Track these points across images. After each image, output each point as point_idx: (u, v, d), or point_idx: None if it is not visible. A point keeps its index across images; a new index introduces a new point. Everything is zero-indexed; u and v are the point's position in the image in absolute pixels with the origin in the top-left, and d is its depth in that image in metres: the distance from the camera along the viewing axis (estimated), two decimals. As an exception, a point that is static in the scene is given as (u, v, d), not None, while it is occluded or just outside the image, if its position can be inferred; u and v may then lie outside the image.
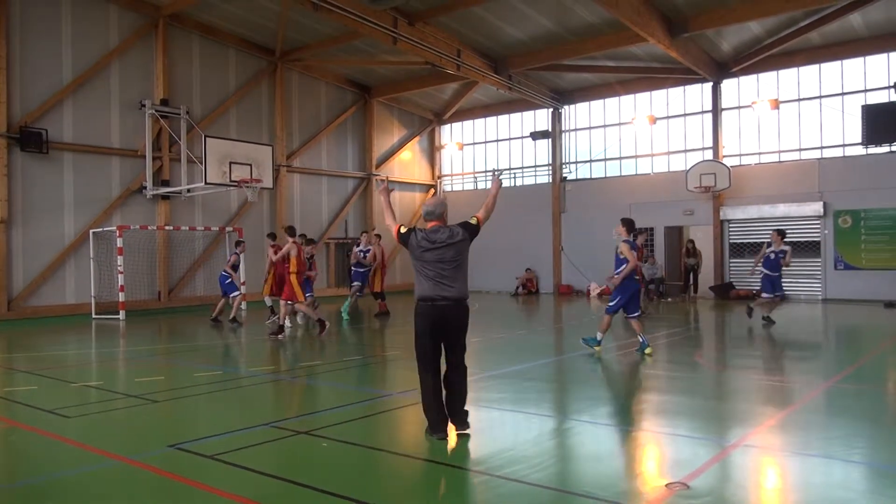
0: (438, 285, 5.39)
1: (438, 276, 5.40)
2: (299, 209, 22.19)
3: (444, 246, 5.42)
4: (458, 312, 5.48)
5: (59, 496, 4.41)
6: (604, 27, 18.06)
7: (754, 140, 20.83)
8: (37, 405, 6.92)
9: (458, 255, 5.47)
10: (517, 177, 25.85)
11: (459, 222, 5.58)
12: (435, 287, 5.39)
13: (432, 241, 5.44)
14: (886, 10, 16.87)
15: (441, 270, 5.40)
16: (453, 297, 5.40)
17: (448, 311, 5.42)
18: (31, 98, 16.02)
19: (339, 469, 4.86)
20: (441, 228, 5.53)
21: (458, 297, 5.44)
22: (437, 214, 5.60)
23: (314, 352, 11.25)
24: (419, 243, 5.46)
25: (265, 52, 20.74)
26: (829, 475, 4.71)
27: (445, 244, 5.43)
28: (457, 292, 5.42)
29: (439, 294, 5.38)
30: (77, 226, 16.83)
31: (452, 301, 5.40)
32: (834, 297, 19.10)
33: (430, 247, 5.43)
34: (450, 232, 5.49)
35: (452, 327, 5.48)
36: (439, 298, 5.38)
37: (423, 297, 5.45)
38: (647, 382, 8.25)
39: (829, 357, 10.64)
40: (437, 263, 5.41)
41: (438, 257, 5.41)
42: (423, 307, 5.46)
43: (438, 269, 5.40)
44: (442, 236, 5.45)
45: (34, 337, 13.34)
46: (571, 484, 4.56)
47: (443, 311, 5.40)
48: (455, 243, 5.45)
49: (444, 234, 5.46)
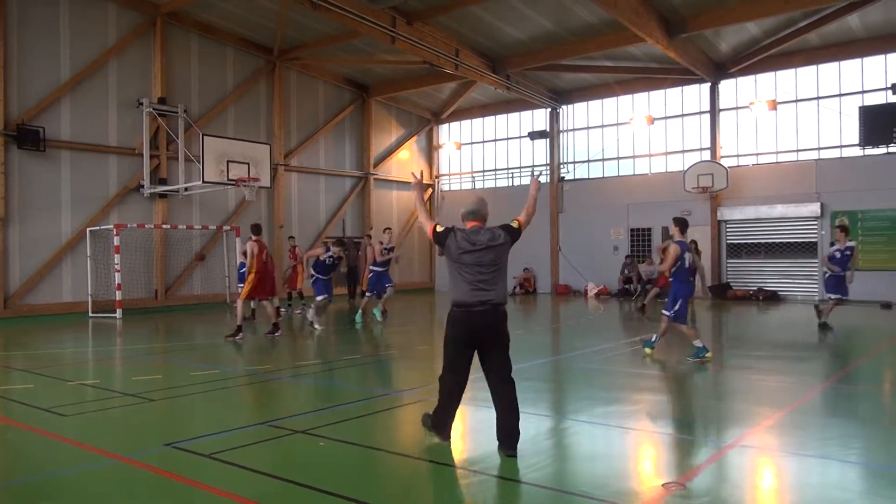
0: (477, 290, 5.05)
1: (477, 281, 5.06)
2: (297, 208, 22.18)
3: (485, 248, 5.10)
4: (497, 318, 5.11)
5: (55, 495, 4.40)
6: (602, 27, 18.06)
7: (752, 141, 20.86)
8: (33, 403, 6.91)
9: (498, 259, 5.16)
10: (515, 176, 25.86)
11: (501, 224, 5.26)
12: (473, 292, 5.05)
13: (473, 243, 5.11)
14: (885, 11, 16.90)
15: (480, 274, 5.07)
16: (492, 301, 5.06)
17: (486, 318, 5.06)
18: (28, 96, 15.98)
19: (336, 468, 4.86)
20: (482, 230, 5.21)
21: (497, 302, 5.09)
22: (480, 215, 5.28)
23: (311, 351, 11.24)
24: (458, 244, 5.13)
25: (263, 50, 20.72)
26: (826, 475, 4.72)
27: (486, 247, 5.11)
28: (495, 297, 5.08)
29: (477, 299, 5.03)
30: (74, 224, 16.80)
31: (491, 306, 5.05)
32: (831, 298, 19.11)
33: (471, 249, 5.09)
34: (491, 234, 5.16)
35: (490, 334, 5.11)
36: (477, 304, 5.03)
37: (459, 302, 5.09)
38: (644, 382, 8.26)
39: (825, 358, 10.65)
40: (475, 267, 5.08)
41: (477, 260, 5.09)
42: (459, 314, 5.10)
43: (477, 273, 5.07)
44: (483, 238, 5.13)
45: (31, 335, 13.31)
46: (568, 484, 4.57)
47: (481, 317, 5.05)
48: (496, 246, 5.13)
49: (486, 237, 5.14)
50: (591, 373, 8.83)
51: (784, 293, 20.11)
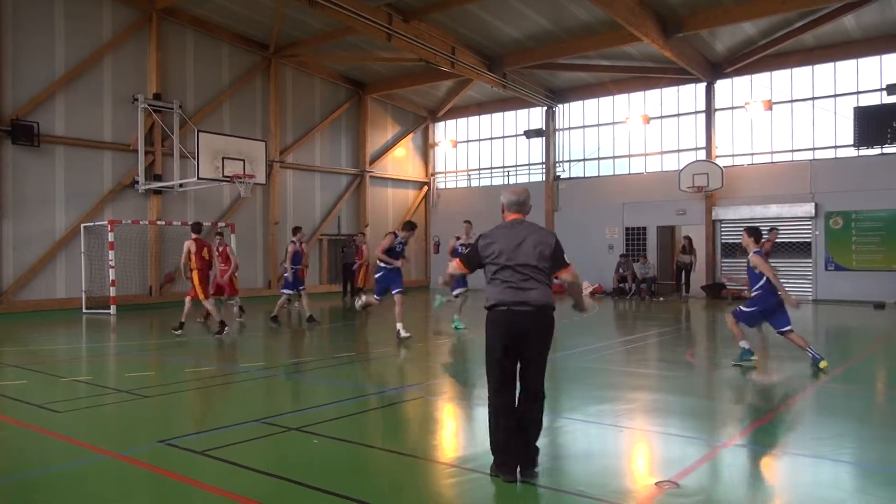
0: (516, 289, 4.48)
1: (516, 278, 4.50)
2: (292, 205, 22.14)
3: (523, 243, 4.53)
4: (541, 320, 4.49)
5: (48, 491, 4.38)
6: (599, 26, 18.07)
7: (747, 141, 20.91)
8: (26, 400, 6.88)
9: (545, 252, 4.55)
10: (510, 175, 25.87)
11: (555, 249, 4.55)
12: (512, 291, 4.49)
13: (512, 235, 4.57)
14: (880, 12, 16.95)
15: (520, 271, 4.50)
16: (535, 302, 4.45)
17: (527, 319, 4.46)
18: (22, 91, 15.91)
19: (330, 466, 4.85)
20: (523, 224, 4.66)
21: (541, 304, 4.47)
22: (524, 207, 4.73)
23: (306, 348, 11.23)
24: (493, 239, 4.62)
25: (259, 47, 20.66)
26: (819, 475, 4.74)
27: (524, 241, 4.54)
28: (539, 296, 4.48)
29: (518, 299, 4.45)
30: (68, 220, 16.74)
31: (534, 307, 4.45)
32: (824, 298, 19.21)
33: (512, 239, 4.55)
34: (537, 237, 4.57)
35: (532, 340, 4.49)
36: (517, 303, 4.45)
37: (498, 302, 4.52)
38: (638, 381, 8.27)
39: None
40: (516, 257, 4.52)
41: (519, 249, 4.53)
42: (497, 314, 4.53)
43: (518, 263, 4.51)
44: (523, 233, 4.58)
45: (24, 331, 13.26)
46: (562, 482, 4.57)
47: (521, 318, 4.46)
48: (537, 247, 4.52)
49: (527, 232, 4.58)
50: (586, 371, 8.84)
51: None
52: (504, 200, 4.74)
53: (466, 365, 9.48)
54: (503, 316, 4.49)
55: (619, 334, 13.33)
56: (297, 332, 13.02)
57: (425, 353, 10.48)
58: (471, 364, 9.31)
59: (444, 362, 9.87)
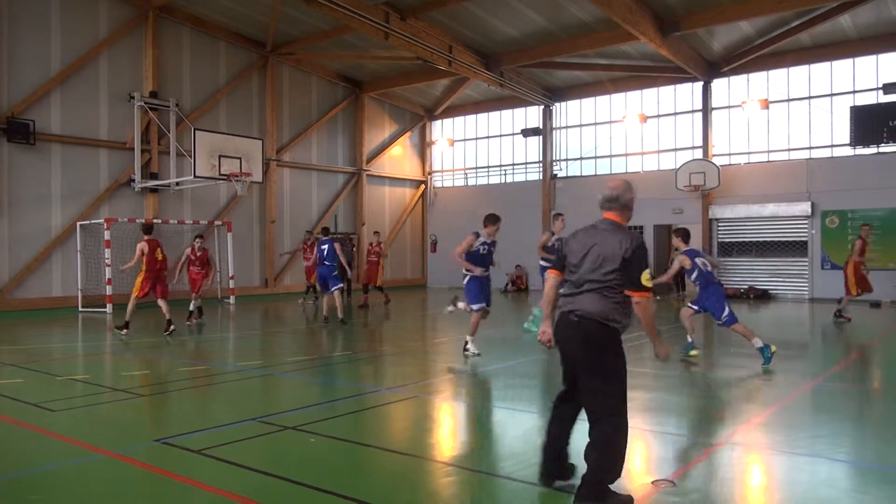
0: (570, 295, 4.11)
1: (574, 284, 4.11)
2: (289, 203, 22.11)
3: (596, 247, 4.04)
4: (582, 334, 3.98)
5: (44, 490, 4.37)
6: (596, 25, 18.07)
7: (744, 140, 20.94)
8: (22, 398, 6.86)
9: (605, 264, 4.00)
10: (507, 174, 25.87)
11: (623, 259, 3.94)
12: (568, 298, 4.12)
13: (585, 239, 4.14)
14: (876, 11, 16.99)
15: (582, 274, 4.07)
16: (582, 312, 3.99)
17: (571, 329, 4.03)
18: (18, 89, 15.85)
19: (327, 465, 4.85)
20: (604, 224, 4.15)
21: (590, 315, 3.97)
22: (614, 203, 4.17)
23: (303, 347, 11.22)
24: (569, 240, 4.30)
25: (256, 45, 20.62)
26: (815, 473, 4.75)
27: (597, 245, 4.04)
28: (586, 304, 3.99)
29: (568, 307, 4.08)
30: (64, 218, 16.69)
31: (578, 317, 3.99)
32: (820, 297, 19.25)
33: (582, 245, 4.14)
34: (619, 243, 3.97)
35: (577, 355, 4.04)
36: (568, 312, 4.07)
37: (559, 307, 4.19)
38: (635, 380, 8.26)
39: (815, 356, 10.72)
40: (581, 265, 4.09)
41: (584, 259, 4.08)
42: (556, 321, 4.20)
43: (580, 273, 4.09)
44: (598, 236, 4.09)
45: (20, 330, 13.23)
46: (559, 480, 4.56)
47: (568, 328, 4.05)
48: (604, 253, 3.99)
49: (602, 235, 4.08)
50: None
51: (774, 291, 20.22)
52: (600, 198, 4.25)
53: (460, 364, 9.46)
54: (557, 324, 4.16)
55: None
56: (294, 333, 13.01)
57: (422, 352, 10.45)
58: (465, 361, 9.29)
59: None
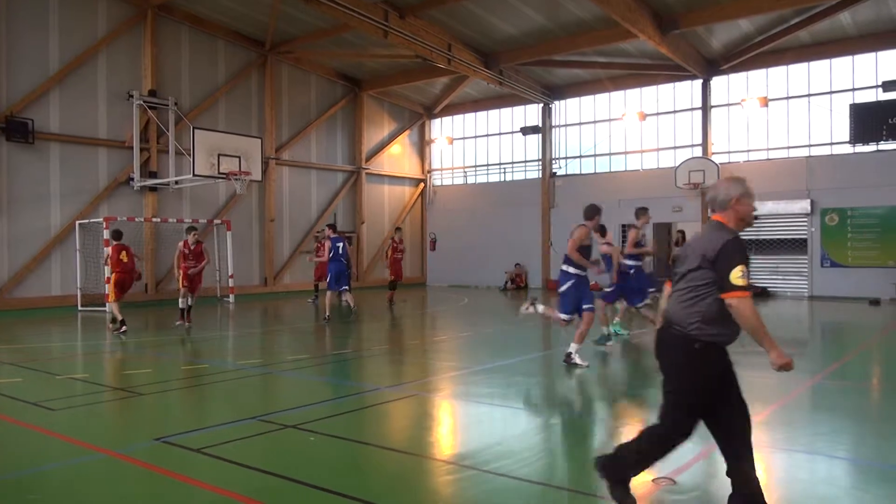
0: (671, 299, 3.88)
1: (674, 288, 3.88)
2: (288, 202, 22.11)
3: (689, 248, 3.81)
4: (662, 338, 3.86)
5: (44, 489, 4.37)
6: (595, 23, 18.06)
7: (743, 137, 20.94)
8: (21, 398, 6.85)
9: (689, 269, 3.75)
10: (507, 172, 25.86)
11: (708, 257, 3.60)
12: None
13: (689, 244, 3.88)
14: (876, 9, 16.98)
15: (678, 281, 3.84)
16: (666, 315, 3.84)
17: (658, 335, 3.91)
18: (17, 88, 15.83)
19: (326, 463, 4.85)
20: (707, 228, 3.82)
21: (668, 318, 3.82)
22: (715, 204, 3.81)
23: (303, 346, 11.21)
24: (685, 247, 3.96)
25: (255, 43, 20.60)
26: (814, 471, 4.76)
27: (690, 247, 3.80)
28: (670, 308, 3.81)
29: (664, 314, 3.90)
30: (63, 217, 16.68)
31: (665, 322, 3.84)
32: (820, 294, 19.26)
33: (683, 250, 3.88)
34: (709, 241, 3.65)
35: (661, 360, 3.92)
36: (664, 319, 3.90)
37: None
38: (634, 378, 8.28)
39: (814, 354, 10.72)
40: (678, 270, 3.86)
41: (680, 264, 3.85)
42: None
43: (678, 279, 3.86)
44: (699, 237, 3.81)
45: (19, 329, 13.22)
46: (558, 479, 4.57)
47: (658, 333, 3.92)
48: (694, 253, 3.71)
49: (700, 236, 3.82)
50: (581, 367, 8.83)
51: (774, 289, 20.23)
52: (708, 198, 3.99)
53: (459, 363, 9.45)
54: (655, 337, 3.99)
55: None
56: (296, 331, 13.01)
57: (421, 351, 10.45)
58: (464, 361, 9.28)
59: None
